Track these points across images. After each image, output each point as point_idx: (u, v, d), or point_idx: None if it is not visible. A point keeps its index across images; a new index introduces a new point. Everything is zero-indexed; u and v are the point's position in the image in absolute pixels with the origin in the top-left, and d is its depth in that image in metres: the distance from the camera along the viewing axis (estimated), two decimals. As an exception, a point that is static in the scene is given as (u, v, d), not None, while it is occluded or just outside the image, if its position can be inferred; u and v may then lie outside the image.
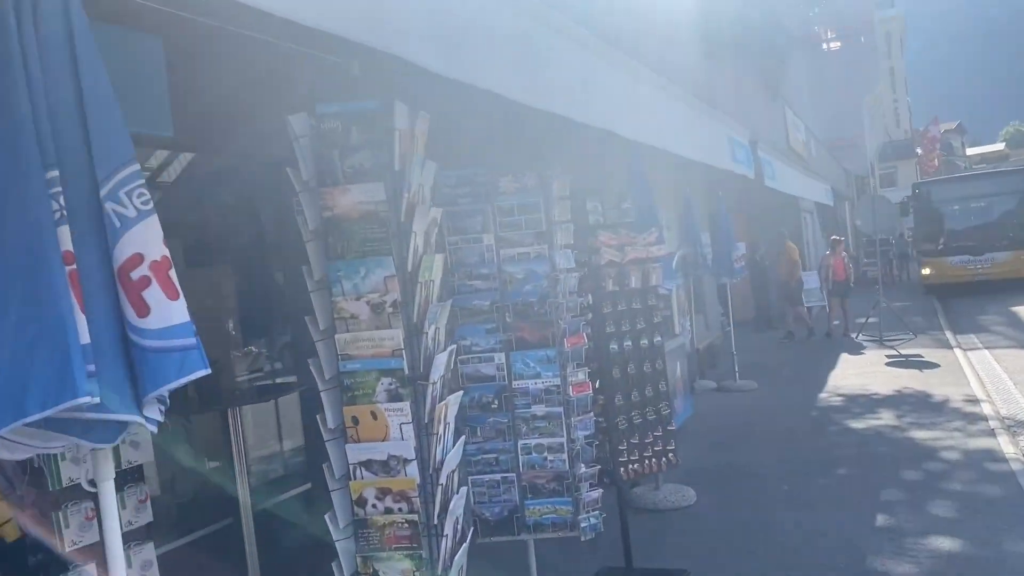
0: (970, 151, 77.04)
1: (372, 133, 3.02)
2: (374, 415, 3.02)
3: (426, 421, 3.04)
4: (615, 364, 5.01)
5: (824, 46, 38.29)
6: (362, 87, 3.23)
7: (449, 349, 3.24)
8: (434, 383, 3.05)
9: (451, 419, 3.21)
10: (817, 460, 7.10)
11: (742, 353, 11.31)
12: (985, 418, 7.95)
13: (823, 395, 9.97)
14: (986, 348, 12.23)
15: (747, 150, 8.45)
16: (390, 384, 3.00)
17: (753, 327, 16.45)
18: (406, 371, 3.00)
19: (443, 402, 3.12)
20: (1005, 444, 7.00)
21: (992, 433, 7.39)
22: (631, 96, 4.35)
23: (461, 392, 3.31)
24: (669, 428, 5.37)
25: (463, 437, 3.41)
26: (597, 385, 4.88)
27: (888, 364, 11.63)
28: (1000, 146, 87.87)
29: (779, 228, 15.91)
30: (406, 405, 2.99)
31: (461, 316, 3.99)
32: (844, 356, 12.70)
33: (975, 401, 8.72)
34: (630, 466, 4.97)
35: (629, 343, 5.10)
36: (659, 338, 5.31)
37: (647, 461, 5.08)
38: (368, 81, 3.32)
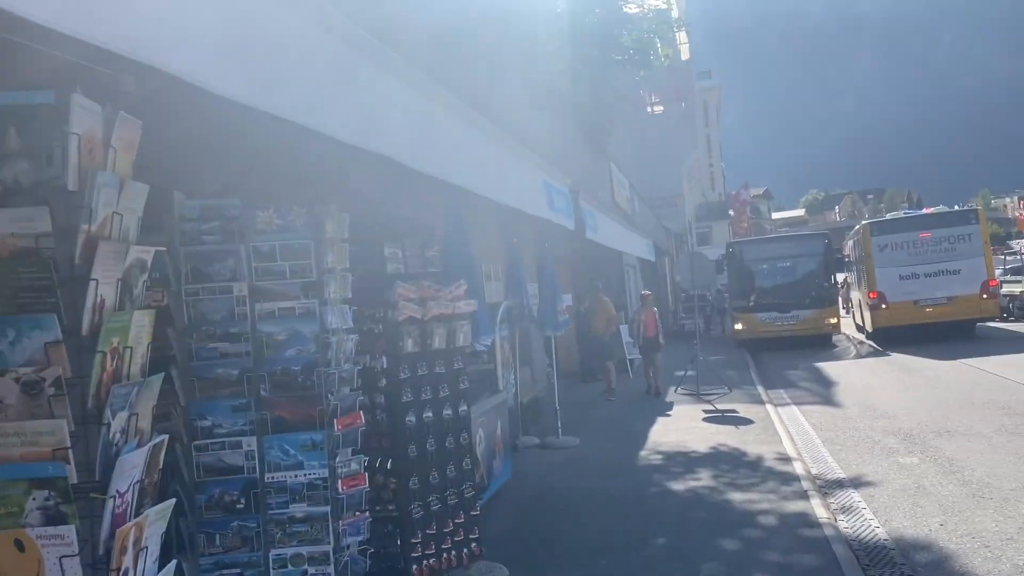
0: (775, 215, 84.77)
1: (36, 136, 2.12)
2: (20, 545, 2.06)
3: (101, 552, 2.12)
4: (412, 439, 4.24)
5: (648, 108, 40.65)
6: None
7: (152, 443, 2.34)
8: (119, 495, 2.14)
9: (151, 542, 2.29)
10: (637, 530, 6.78)
11: (566, 408, 11.05)
12: (798, 478, 8.04)
13: (643, 452, 9.81)
14: (794, 404, 12.74)
15: (568, 199, 8.07)
16: (47, 499, 2.06)
17: (580, 378, 16.39)
18: (73, 480, 2.07)
19: (135, 520, 2.20)
20: (817, 507, 7.05)
21: (805, 495, 7.43)
22: (419, 117, 3.68)
23: (172, 501, 2.40)
24: (473, 513, 4.62)
25: (173, 562, 2.50)
26: (388, 466, 4.10)
27: (705, 419, 11.71)
28: (801, 212, 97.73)
29: (593, 281, 15.84)
30: (70, 530, 2.05)
31: (200, 388, 3.08)
32: (663, 411, 12.71)
33: (787, 460, 8.83)
34: (425, 562, 4.17)
35: (430, 414, 4.35)
36: (464, 407, 4.60)
37: (445, 554, 4.29)
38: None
